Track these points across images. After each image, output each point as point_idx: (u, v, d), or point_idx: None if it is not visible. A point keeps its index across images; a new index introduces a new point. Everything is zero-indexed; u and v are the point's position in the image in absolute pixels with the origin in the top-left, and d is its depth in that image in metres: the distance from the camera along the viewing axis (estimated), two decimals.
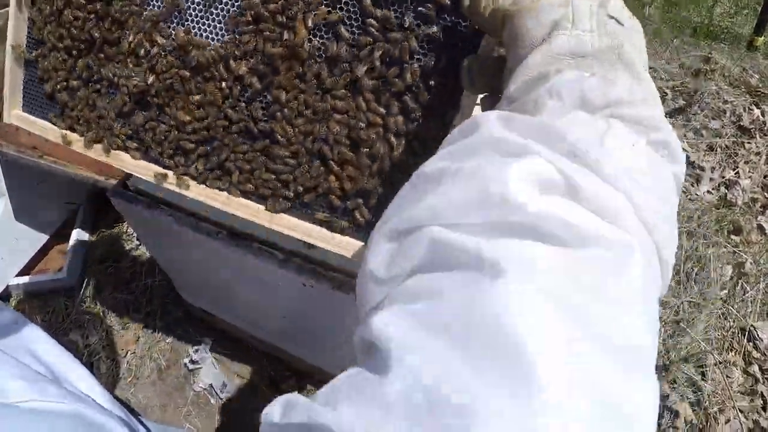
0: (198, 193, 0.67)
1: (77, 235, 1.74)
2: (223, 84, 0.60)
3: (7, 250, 1.62)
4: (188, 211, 1.01)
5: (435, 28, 0.49)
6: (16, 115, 0.76)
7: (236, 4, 0.57)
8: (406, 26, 0.50)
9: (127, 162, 0.70)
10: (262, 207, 0.65)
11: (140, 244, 1.75)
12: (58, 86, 0.71)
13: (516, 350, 0.23)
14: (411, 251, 0.31)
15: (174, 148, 0.66)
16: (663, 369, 1.29)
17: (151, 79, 0.63)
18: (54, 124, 0.73)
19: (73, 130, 0.72)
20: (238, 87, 0.60)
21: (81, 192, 1.78)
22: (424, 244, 0.30)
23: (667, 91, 1.98)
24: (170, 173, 0.68)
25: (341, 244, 0.59)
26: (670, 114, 1.91)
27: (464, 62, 0.44)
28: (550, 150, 0.29)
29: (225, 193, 0.66)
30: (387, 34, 0.51)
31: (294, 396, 0.29)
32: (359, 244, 0.59)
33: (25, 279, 1.64)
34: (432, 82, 0.51)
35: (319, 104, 0.56)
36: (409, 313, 0.28)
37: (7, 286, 1.63)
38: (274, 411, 0.29)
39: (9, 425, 0.41)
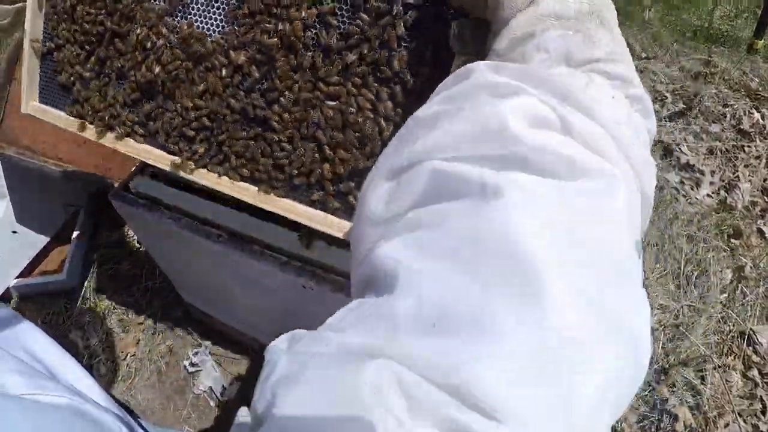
0: (202, 176, 0.70)
1: (78, 237, 1.74)
2: (224, 72, 0.62)
3: (8, 252, 1.62)
4: (189, 213, 1.02)
5: (419, 13, 0.51)
6: (33, 106, 0.79)
7: None
8: (394, 13, 0.51)
9: (136, 148, 0.72)
10: (262, 190, 0.67)
11: (141, 247, 1.75)
12: (72, 78, 0.74)
13: (524, 267, 0.24)
14: (410, 186, 0.31)
15: (178, 134, 0.68)
16: (662, 373, 1.29)
17: (157, 69, 0.66)
18: (69, 114, 0.76)
19: (84, 119, 0.74)
20: (238, 76, 0.62)
21: (82, 194, 1.79)
22: (423, 177, 0.31)
23: (667, 94, 1.98)
24: (177, 159, 0.70)
25: (334, 225, 0.61)
26: (670, 117, 1.92)
27: (453, 25, 0.45)
28: (543, 92, 0.30)
29: (226, 177, 0.68)
30: (376, 22, 0.53)
31: (299, 330, 0.30)
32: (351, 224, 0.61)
33: (26, 280, 1.65)
34: (420, 68, 0.52)
35: (311, 94, 0.58)
36: (413, 241, 0.29)
37: (8, 288, 1.63)
38: (279, 342, 0.30)
39: (8, 415, 0.42)
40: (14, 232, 1.61)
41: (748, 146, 1.78)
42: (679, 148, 1.79)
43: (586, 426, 0.23)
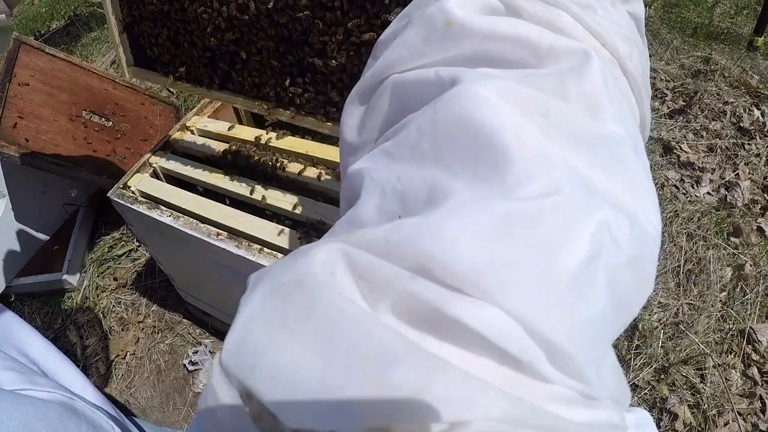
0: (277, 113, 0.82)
1: (77, 236, 1.74)
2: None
3: (8, 251, 1.62)
4: (188, 212, 1.02)
5: None
6: (131, 70, 0.94)
7: None
8: None
9: (221, 96, 0.86)
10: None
11: (140, 245, 1.75)
12: (154, 47, 0.88)
13: (488, 141, 0.22)
14: (377, 106, 0.30)
15: (250, 85, 0.82)
16: (662, 371, 1.29)
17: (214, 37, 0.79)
18: (158, 71, 0.91)
19: (167, 72, 0.90)
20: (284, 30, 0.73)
21: (81, 193, 1.79)
22: (387, 94, 0.30)
23: (667, 92, 1.98)
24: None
25: None
26: (670, 115, 1.91)
27: None
28: None
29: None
30: None
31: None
32: None
33: (25, 279, 1.65)
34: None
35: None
36: (378, 151, 0.27)
37: (7, 287, 1.63)
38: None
39: (0, 407, 0.42)
40: (14, 231, 1.61)
41: (748, 144, 1.78)
42: (679, 146, 1.79)
43: (575, 305, 0.20)
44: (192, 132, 1.20)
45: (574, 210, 0.21)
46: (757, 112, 1.86)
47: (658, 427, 1.21)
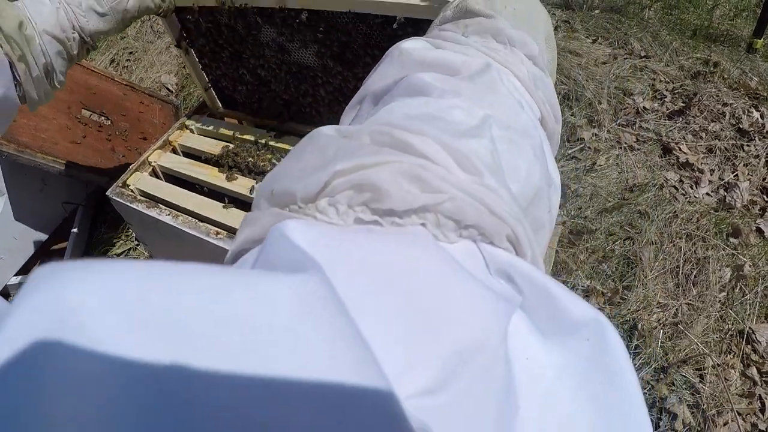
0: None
1: (76, 234, 1.74)
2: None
3: (6, 249, 1.62)
4: (187, 210, 1.01)
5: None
6: (221, 112, 1.27)
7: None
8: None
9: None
10: None
11: (139, 244, 1.75)
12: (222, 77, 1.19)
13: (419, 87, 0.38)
14: (363, 108, 0.43)
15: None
16: (661, 371, 1.29)
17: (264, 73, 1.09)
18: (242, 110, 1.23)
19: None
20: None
21: (80, 192, 1.78)
22: (368, 100, 0.43)
23: (666, 93, 1.98)
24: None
25: None
26: (669, 116, 1.92)
27: None
28: (431, 38, 0.44)
29: None
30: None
31: None
32: None
33: (24, 278, 1.64)
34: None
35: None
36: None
37: (6, 286, 1.63)
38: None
39: None
40: (13, 230, 1.60)
41: (747, 145, 1.79)
42: (678, 147, 1.79)
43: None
44: (191, 131, 1.20)
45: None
46: (756, 114, 1.87)
47: (657, 426, 1.21)
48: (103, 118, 1.73)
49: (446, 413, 0.20)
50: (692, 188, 1.69)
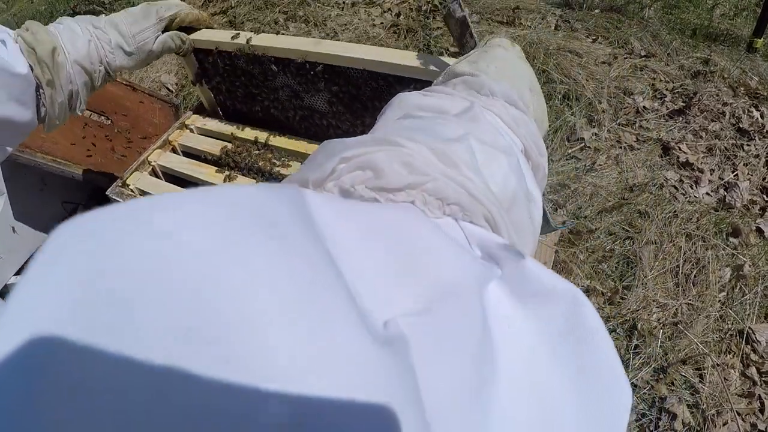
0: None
1: None
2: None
3: (6, 249, 1.62)
4: None
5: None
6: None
7: None
8: None
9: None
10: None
11: None
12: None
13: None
14: None
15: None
16: (661, 371, 1.29)
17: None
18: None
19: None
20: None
21: (80, 191, 1.78)
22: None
23: (666, 92, 1.98)
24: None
25: None
26: (669, 116, 1.91)
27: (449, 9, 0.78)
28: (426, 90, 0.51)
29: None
30: None
31: None
32: None
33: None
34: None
35: None
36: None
37: (6, 285, 1.63)
38: None
39: None
40: (13, 229, 1.61)
41: (747, 145, 1.78)
42: (678, 147, 1.79)
43: None
44: (191, 131, 1.20)
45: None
46: (756, 114, 1.86)
47: (657, 426, 1.21)
48: (103, 117, 1.73)
49: (431, 333, 0.22)
50: (692, 188, 1.69)
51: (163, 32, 0.91)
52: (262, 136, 1.13)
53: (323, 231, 0.22)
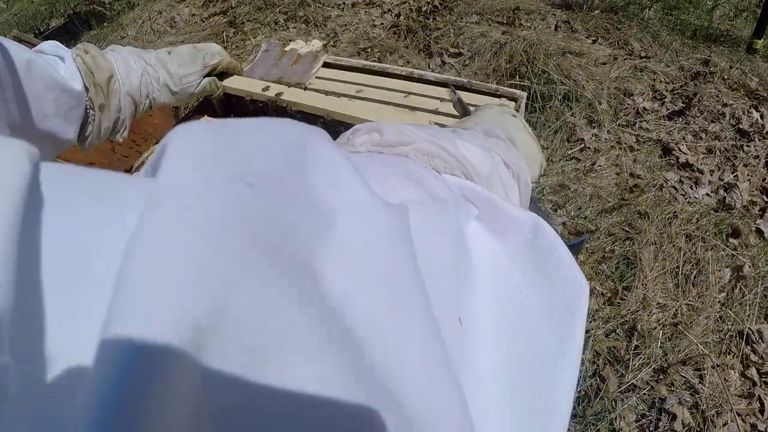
0: None
1: None
2: None
3: None
4: None
5: None
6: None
7: None
8: None
9: None
10: None
11: None
12: None
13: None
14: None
15: None
16: (661, 372, 1.29)
17: None
18: None
19: None
20: None
21: None
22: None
23: (666, 93, 1.98)
24: None
25: None
26: (669, 116, 1.92)
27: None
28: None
29: None
30: None
31: None
32: None
33: None
34: None
35: None
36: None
37: None
38: None
39: None
40: None
41: (747, 146, 1.79)
42: (678, 147, 1.79)
43: None
44: None
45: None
46: (756, 114, 1.87)
47: (657, 427, 1.21)
48: None
49: (427, 217, 0.29)
50: (692, 188, 1.69)
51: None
52: None
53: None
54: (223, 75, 1.07)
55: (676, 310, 1.39)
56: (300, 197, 0.22)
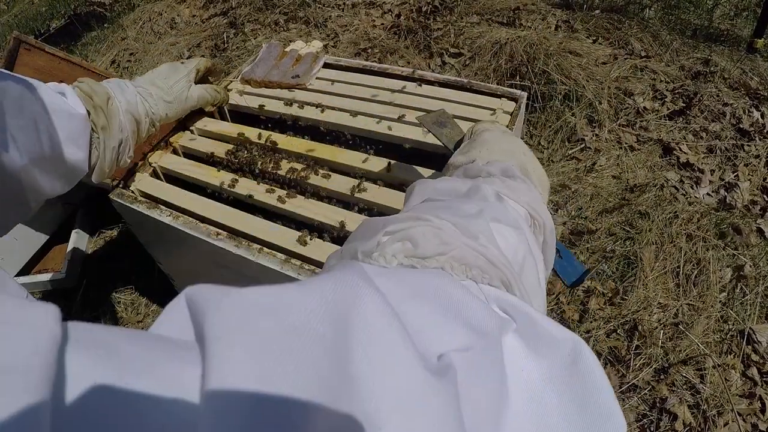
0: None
1: (76, 235, 1.74)
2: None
3: (7, 250, 1.62)
4: (187, 211, 1.01)
5: None
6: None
7: None
8: None
9: None
10: None
11: (140, 245, 1.75)
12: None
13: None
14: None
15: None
16: (662, 372, 1.29)
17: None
18: None
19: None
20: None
21: (80, 192, 1.78)
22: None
23: (667, 93, 1.98)
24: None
25: None
26: (670, 116, 1.91)
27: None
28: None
29: None
30: None
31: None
32: None
33: (25, 279, 1.64)
34: None
35: None
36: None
37: None
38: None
39: None
40: (15, 239, 1.61)
41: (748, 145, 1.78)
42: (679, 147, 1.79)
43: None
44: (192, 132, 1.20)
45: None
46: (756, 114, 1.86)
47: (658, 427, 1.21)
48: None
49: (472, 365, 0.28)
50: (693, 188, 1.69)
51: (197, 83, 1.07)
52: (264, 135, 1.13)
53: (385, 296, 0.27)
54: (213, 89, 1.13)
55: (677, 309, 1.39)
56: (342, 397, 0.21)
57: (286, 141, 1.11)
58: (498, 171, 0.55)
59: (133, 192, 1.08)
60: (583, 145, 1.85)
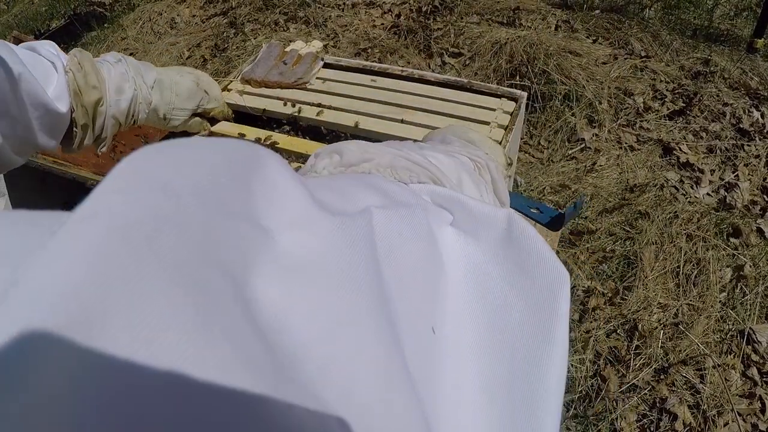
0: None
1: None
2: None
3: None
4: None
5: None
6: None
7: None
8: None
9: None
10: None
11: None
12: None
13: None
14: None
15: None
16: (662, 372, 1.29)
17: None
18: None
19: None
20: None
21: (80, 192, 1.78)
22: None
23: (667, 93, 1.98)
24: None
25: None
26: (669, 116, 1.92)
27: None
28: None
29: None
30: None
31: None
32: None
33: None
34: None
35: None
36: None
37: None
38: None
39: None
40: None
41: (748, 145, 1.79)
42: (679, 147, 1.79)
43: None
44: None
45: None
46: (756, 114, 1.87)
47: (658, 427, 1.21)
48: None
49: (391, 219, 0.27)
50: (692, 188, 1.69)
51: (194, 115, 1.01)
52: (262, 135, 1.13)
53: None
54: (213, 121, 1.09)
55: (677, 309, 1.39)
56: (236, 214, 0.20)
57: (286, 141, 1.12)
58: (437, 140, 0.57)
59: None
60: (583, 145, 1.85)
